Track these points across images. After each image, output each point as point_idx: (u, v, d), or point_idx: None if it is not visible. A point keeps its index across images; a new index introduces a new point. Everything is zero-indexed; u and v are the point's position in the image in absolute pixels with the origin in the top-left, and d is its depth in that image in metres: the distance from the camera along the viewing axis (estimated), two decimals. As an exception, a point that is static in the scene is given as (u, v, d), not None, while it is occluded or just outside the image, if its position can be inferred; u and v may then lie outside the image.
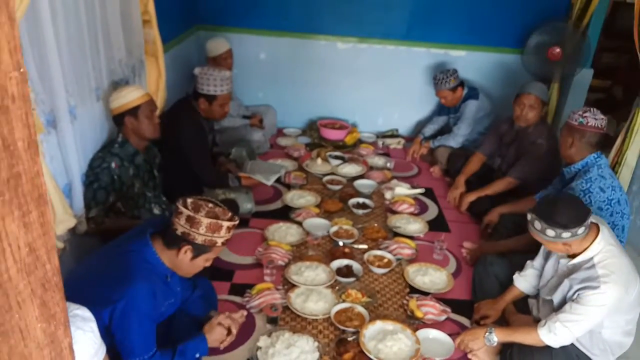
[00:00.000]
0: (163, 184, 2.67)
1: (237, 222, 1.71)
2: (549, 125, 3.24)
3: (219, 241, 1.68)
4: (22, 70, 0.35)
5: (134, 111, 2.29)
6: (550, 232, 1.81)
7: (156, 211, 2.51)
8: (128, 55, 2.58)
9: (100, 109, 2.35)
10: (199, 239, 1.63)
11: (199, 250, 1.66)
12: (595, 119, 2.39)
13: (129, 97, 2.28)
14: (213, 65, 3.40)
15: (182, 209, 1.62)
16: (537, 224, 1.84)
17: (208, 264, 1.76)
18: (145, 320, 1.62)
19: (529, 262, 2.24)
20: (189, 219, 1.61)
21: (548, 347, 1.91)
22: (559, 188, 2.59)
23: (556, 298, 1.95)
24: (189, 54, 4.07)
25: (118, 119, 2.31)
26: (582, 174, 2.39)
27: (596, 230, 1.88)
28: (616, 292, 1.77)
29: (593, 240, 1.86)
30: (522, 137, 3.19)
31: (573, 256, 1.92)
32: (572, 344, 1.93)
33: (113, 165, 2.25)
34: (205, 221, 1.62)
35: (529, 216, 1.89)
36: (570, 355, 1.93)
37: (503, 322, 2.25)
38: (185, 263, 1.68)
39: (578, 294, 1.83)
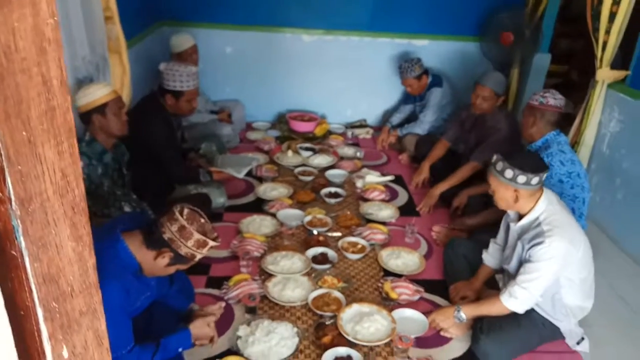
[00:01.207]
0: (133, 182, 2.65)
1: (218, 244, 1.72)
2: (507, 111, 3.35)
3: (198, 257, 1.69)
4: (55, 18, 0.41)
5: (101, 109, 2.26)
6: (509, 173, 1.94)
7: (127, 209, 2.49)
8: (91, 52, 2.54)
9: (66, 107, 2.31)
10: (183, 250, 1.63)
11: (177, 259, 1.66)
12: (555, 99, 2.54)
13: (96, 94, 2.25)
14: (178, 62, 3.38)
15: (178, 216, 1.61)
16: (500, 164, 1.96)
17: (173, 271, 1.76)
18: (120, 317, 1.61)
19: (492, 240, 2.35)
20: (181, 229, 1.60)
21: (515, 317, 2.01)
22: None
23: (513, 264, 2.08)
24: (153, 50, 4.02)
25: (85, 117, 2.28)
26: (543, 150, 2.51)
27: (541, 193, 2.02)
28: (561, 243, 1.90)
29: (537, 201, 2.00)
30: (481, 124, 3.29)
31: (520, 219, 2.06)
32: (536, 312, 2.03)
33: (81, 164, 2.22)
34: (196, 236, 1.62)
35: (494, 158, 2.01)
36: (535, 322, 2.04)
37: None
38: (159, 267, 1.67)
39: (528, 254, 1.96)
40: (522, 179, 1.93)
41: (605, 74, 3.22)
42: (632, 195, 3.07)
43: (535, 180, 1.93)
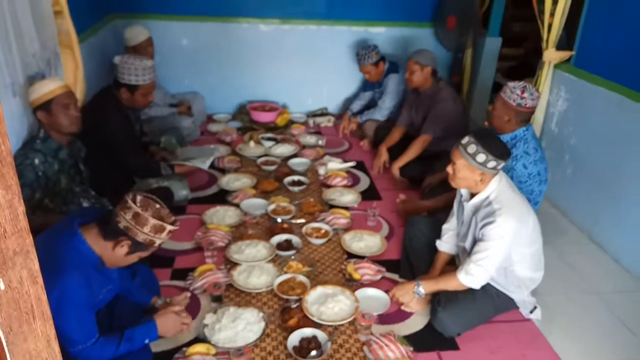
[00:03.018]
0: (92, 178, 2.62)
1: (177, 228, 1.73)
2: (443, 83, 3.50)
3: (158, 242, 1.69)
4: None
5: (45, 106, 2.22)
6: (481, 157, 1.95)
7: (85, 205, 2.47)
8: (42, 47, 2.49)
9: (18, 104, 2.27)
10: (140, 237, 1.63)
11: (136, 247, 1.67)
12: (533, 99, 2.42)
13: (40, 91, 2.22)
14: (134, 55, 3.33)
15: (131, 204, 1.61)
16: (472, 147, 1.96)
17: (136, 259, 1.76)
18: (82, 310, 1.62)
19: (444, 226, 2.39)
20: (136, 216, 1.60)
21: (470, 290, 2.11)
22: None
23: (468, 242, 2.16)
24: (106, 44, 3.95)
25: (35, 114, 2.25)
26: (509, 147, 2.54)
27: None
28: (512, 222, 1.99)
29: (488, 182, 2.06)
30: (422, 100, 3.48)
31: (472, 197, 2.13)
32: (490, 285, 2.13)
33: (36, 161, 2.20)
34: (152, 221, 1.62)
35: (465, 140, 2.00)
36: (489, 294, 2.15)
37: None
38: (119, 256, 1.67)
39: (481, 232, 2.04)
40: (492, 164, 1.95)
41: (551, 55, 3.36)
42: (579, 170, 3.23)
43: (501, 165, 1.97)
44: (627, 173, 2.81)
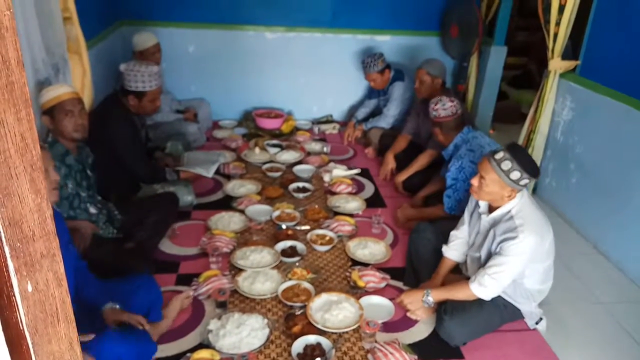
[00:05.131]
0: (98, 183, 2.63)
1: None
2: (452, 95, 3.49)
3: None
4: (11, 10, 0.52)
5: (49, 111, 2.25)
6: (515, 175, 1.91)
7: (92, 210, 2.48)
8: (50, 53, 2.51)
9: (26, 109, 2.29)
10: None
11: None
12: (445, 109, 2.68)
13: (46, 96, 2.24)
14: (140, 60, 3.36)
15: None
16: (506, 164, 1.91)
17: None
18: None
19: (453, 232, 2.37)
20: None
21: (477, 299, 2.09)
22: (445, 171, 2.83)
23: (483, 252, 2.14)
24: (114, 50, 3.99)
25: (41, 118, 2.28)
26: (455, 153, 2.66)
27: None
28: (533, 239, 1.96)
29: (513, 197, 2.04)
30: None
31: (491, 211, 2.11)
32: (498, 295, 2.12)
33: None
34: None
35: (499, 155, 1.94)
36: (497, 304, 2.13)
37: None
38: None
39: (500, 246, 2.01)
40: (524, 181, 1.92)
41: (557, 64, 3.37)
42: (585, 179, 3.22)
43: (532, 183, 1.97)
44: (633, 183, 2.80)
